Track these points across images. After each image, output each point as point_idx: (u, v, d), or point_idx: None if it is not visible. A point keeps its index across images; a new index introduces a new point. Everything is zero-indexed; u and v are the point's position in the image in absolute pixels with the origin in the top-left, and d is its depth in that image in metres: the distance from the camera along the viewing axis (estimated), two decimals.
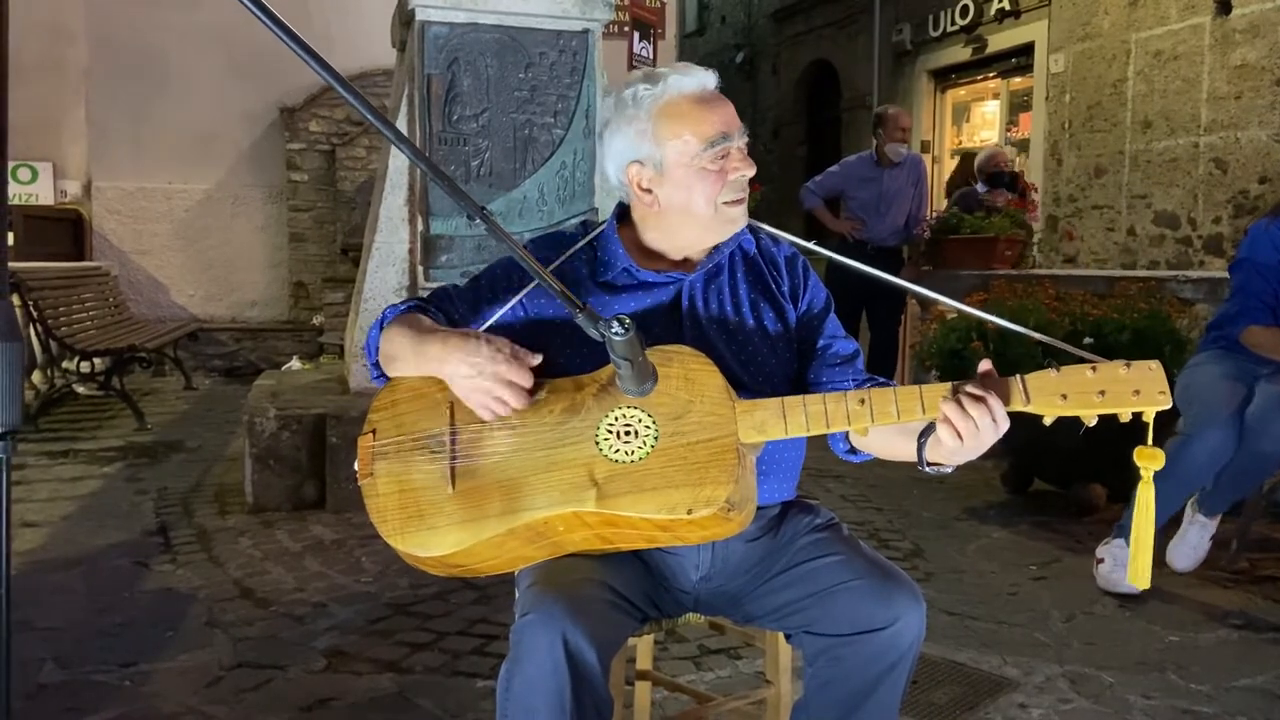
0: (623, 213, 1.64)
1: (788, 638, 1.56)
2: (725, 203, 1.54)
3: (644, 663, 1.88)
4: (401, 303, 1.58)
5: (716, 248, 1.60)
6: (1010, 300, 4.31)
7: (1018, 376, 1.32)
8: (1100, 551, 3.22)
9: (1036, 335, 1.45)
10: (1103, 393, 1.28)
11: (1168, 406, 1.28)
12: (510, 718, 1.31)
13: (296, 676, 2.49)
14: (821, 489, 4.44)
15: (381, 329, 1.53)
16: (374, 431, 1.47)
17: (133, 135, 8.55)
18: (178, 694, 2.38)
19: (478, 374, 1.38)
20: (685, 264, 1.60)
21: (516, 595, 1.50)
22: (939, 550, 3.61)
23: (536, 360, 1.42)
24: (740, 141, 1.54)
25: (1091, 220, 8.74)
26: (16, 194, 8.01)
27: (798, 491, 1.67)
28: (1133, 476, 1.33)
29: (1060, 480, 4.23)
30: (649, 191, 1.55)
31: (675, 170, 1.52)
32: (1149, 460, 1.31)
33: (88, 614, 2.90)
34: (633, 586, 1.47)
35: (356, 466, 1.45)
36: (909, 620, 1.39)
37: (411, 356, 1.46)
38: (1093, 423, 1.31)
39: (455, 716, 2.30)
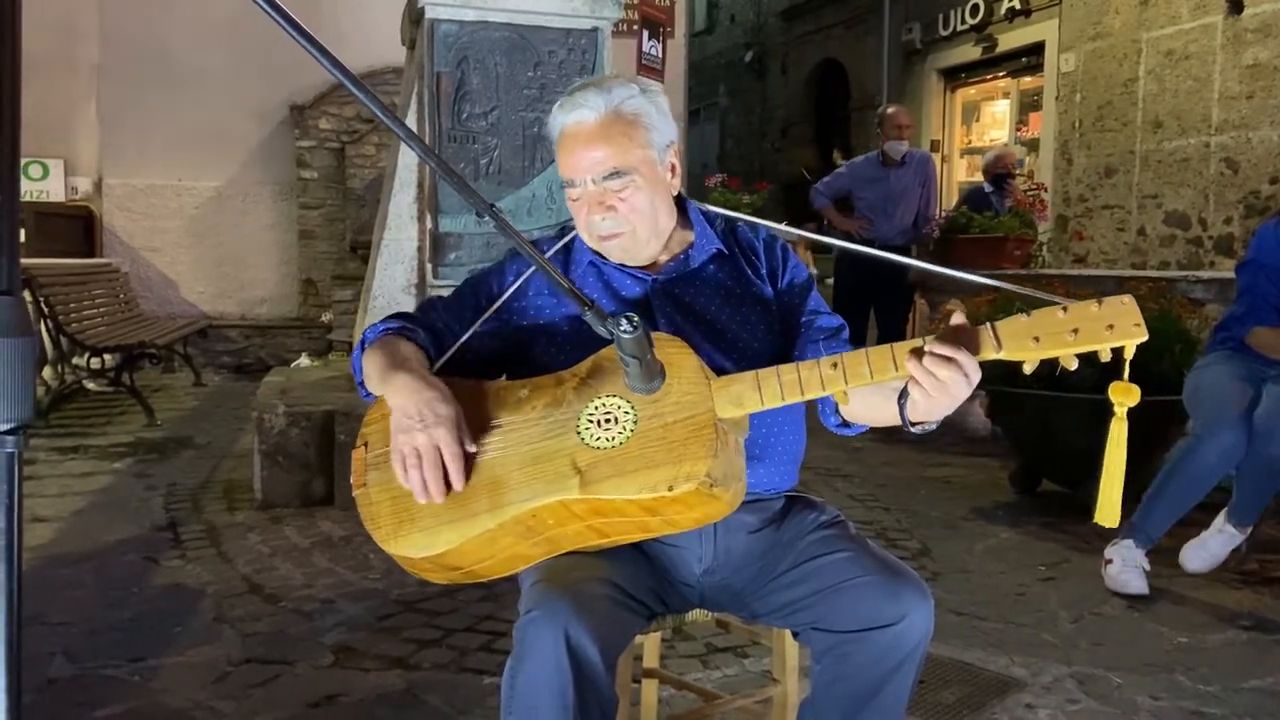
0: None
1: (795, 635, 1.56)
2: (599, 236, 1.55)
3: (650, 660, 1.88)
4: (381, 323, 1.58)
5: (678, 257, 1.61)
6: (1019, 300, 4.30)
7: (988, 324, 1.29)
8: (1109, 552, 3.21)
9: (1044, 295, 1.43)
10: (1076, 331, 1.25)
11: (1145, 339, 1.24)
12: (514, 715, 1.32)
13: (304, 672, 2.50)
14: (829, 488, 4.43)
15: (363, 350, 1.55)
16: (366, 444, 1.49)
17: (143, 132, 8.57)
18: (186, 689, 2.40)
19: (419, 422, 1.37)
20: (653, 265, 1.61)
21: (521, 593, 1.50)
22: (946, 550, 3.60)
23: (472, 450, 1.39)
24: (593, 186, 1.51)
25: (1101, 220, 8.72)
26: (27, 191, 8.03)
27: (802, 488, 1.66)
28: (1107, 413, 1.30)
29: (1068, 481, 4.22)
30: None
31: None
32: (1123, 395, 1.27)
33: (97, 609, 2.92)
34: (637, 583, 1.47)
35: (351, 479, 1.47)
36: (917, 617, 1.39)
37: (379, 383, 1.47)
38: (1073, 366, 1.28)
39: (462, 713, 2.30)
